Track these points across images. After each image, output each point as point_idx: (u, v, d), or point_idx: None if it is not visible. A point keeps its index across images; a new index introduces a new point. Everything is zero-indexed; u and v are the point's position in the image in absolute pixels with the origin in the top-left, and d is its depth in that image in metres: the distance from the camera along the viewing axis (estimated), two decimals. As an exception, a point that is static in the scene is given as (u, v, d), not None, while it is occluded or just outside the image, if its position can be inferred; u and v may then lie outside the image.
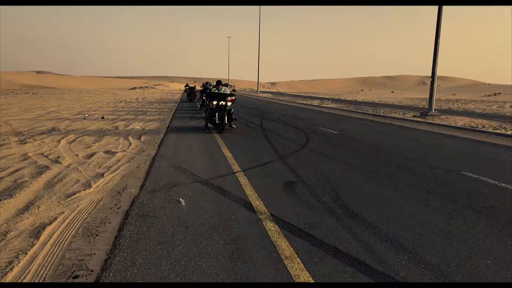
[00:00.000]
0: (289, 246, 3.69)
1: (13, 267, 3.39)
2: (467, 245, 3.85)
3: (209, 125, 13.43)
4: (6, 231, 4.19)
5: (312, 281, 3.05)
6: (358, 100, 47.12)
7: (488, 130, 13.87)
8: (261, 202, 5.12)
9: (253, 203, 5.05)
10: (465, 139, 12.33)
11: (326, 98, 48.12)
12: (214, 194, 5.55)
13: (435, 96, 19.30)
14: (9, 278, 3.20)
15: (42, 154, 8.61)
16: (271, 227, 4.21)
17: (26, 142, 10.10)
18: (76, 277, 3.21)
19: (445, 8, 19.81)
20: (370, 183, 6.34)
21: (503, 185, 6.27)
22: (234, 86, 17.90)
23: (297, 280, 3.06)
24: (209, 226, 4.24)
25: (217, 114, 12.70)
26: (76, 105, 26.66)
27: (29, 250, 3.74)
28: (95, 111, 21.98)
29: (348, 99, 50.24)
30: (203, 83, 27.69)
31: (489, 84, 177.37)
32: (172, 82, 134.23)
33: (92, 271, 3.30)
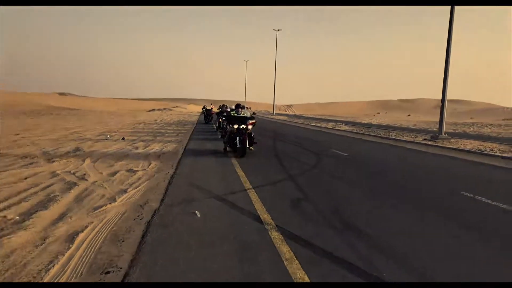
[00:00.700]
0: (290, 251, 4.23)
1: (54, 265, 4.00)
2: (443, 247, 4.32)
3: (228, 148, 13.42)
4: (45, 237, 4.83)
5: (307, 277, 3.57)
6: (373, 123, 47.45)
7: (496, 153, 14.15)
8: (268, 215, 5.67)
9: (261, 216, 5.61)
10: (471, 162, 12.67)
11: (340, 121, 48.59)
12: (227, 208, 6.13)
13: (445, 120, 19.68)
14: (52, 273, 3.80)
15: (69, 172, 9.32)
16: (275, 235, 4.75)
17: (53, 161, 10.87)
18: (108, 272, 3.79)
19: (460, 31, 20.30)
20: (370, 201, 6.84)
21: (495, 203, 6.68)
22: (250, 108, 18.42)
23: (293, 277, 3.58)
24: (222, 234, 4.81)
25: (238, 138, 12.53)
26: (98, 126, 27.76)
27: (66, 252, 4.35)
28: (115, 132, 22.92)
29: (363, 122, 50.60)
30: (219, 105, 28.61)
31: (507, 108, 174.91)
32: (189, 104, 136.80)
33: (121, 268, 3.88)
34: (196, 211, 5.80)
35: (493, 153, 14.18)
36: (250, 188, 7.60)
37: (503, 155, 13.79)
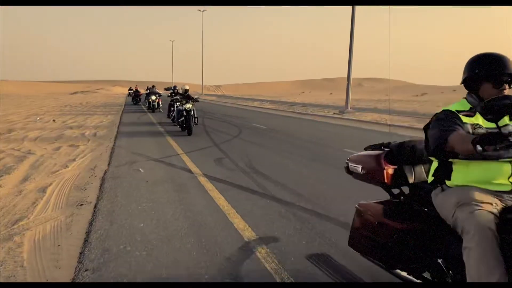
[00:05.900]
0: (212, 185, 6.08)
1: (37, 204, 5.42)
2: (320, 182, 6.44)
3: None
4: (20, 190, 6.15)
5: (222, 197, 5.43)
6: (296, 101, 50.63)
7: (387, 122, 17.19)
8: (197, 168, 7.45)
9: (192, 169, 7.38)
10: (362, 129, 15.49)
11: (265, 100, 51.16)
12: (165, 166, 7.81)
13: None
14: (38, 208, 5.23)
15: (13, 148, 10.26)
16: (202, 179, 6.57)
17: (-7, 141, 11.59)
18: (82, 204, 5.32)
19: (377, 12, 23.10)
20: (276, 156, 8.93)
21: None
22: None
23: (212, 196, 5.43)
24: (162, 180, 6.52)
25: None
26: (21, 110, 27.29)
27: (43, 197, 5.77)
28: (43, 115, 23.02)
29: (288, 101, 53.70)
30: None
31: (418, 85, 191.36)
32: (114, 86, 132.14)
33: (91, 202, 5.44)
34: (140, 168, 7.42)
35: (384, 122, 17.20)
36: (182, 153, 9.30)
37: (391, 123, 16.84)
